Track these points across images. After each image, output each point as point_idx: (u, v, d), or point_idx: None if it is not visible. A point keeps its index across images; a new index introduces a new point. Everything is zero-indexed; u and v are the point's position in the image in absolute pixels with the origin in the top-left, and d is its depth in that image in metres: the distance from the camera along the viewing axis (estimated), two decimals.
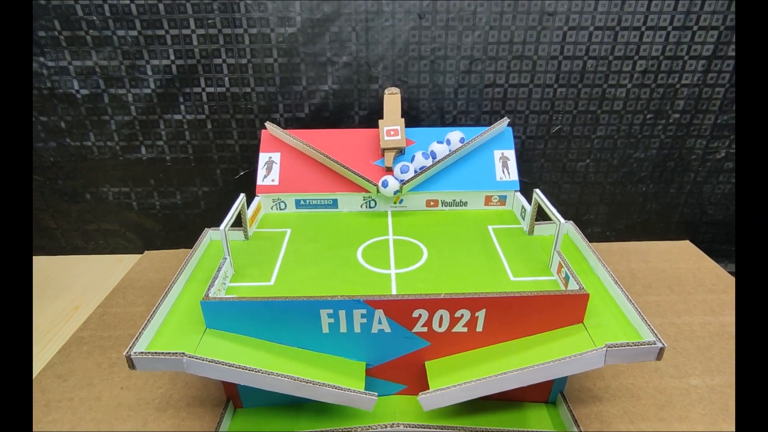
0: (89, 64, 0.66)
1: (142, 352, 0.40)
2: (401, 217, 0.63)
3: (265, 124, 0.64)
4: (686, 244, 0.81)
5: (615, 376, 0.55)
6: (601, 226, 0.81)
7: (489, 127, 0.63)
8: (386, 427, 0.44)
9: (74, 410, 0.52)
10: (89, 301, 0.71)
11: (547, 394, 0.50)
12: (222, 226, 0.48)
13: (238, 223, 0.56)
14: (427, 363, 0.46)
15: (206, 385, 0.55)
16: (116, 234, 0.80)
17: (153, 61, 0.66)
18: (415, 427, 0.44)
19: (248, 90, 0.68)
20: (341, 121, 0.71)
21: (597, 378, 0.55)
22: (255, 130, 0.71)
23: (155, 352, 0.40)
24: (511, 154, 0.64)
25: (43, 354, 0.60)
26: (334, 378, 0.42)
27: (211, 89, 0.68)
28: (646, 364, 0.57)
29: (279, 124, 0.64)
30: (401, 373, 0.48)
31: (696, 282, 0.71)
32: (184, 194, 0.76)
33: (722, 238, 0.82)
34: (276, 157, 0.65)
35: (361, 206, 0.64)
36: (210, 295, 0.44)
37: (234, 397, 0.50)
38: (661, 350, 0.40)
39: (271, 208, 0.64)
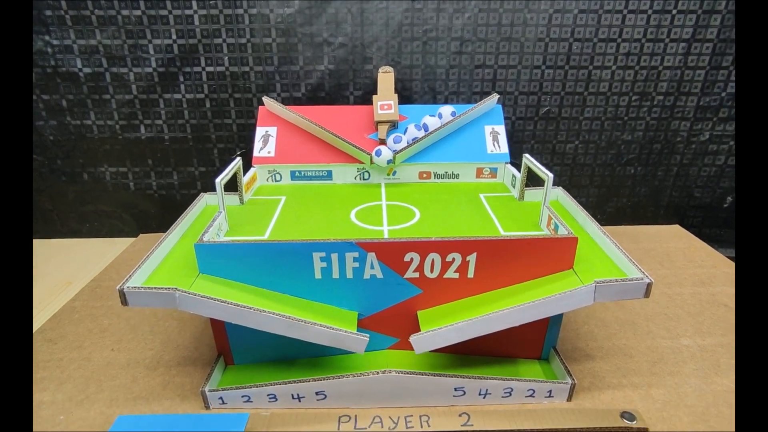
0: (93, 43, 0.69)
1: (135, 287, 0.40)
2: (394, 187, 0.64)
3: (263, 98, 0.66)
4: (676, 228, 0.82)
5: (607, 337, 0.55)
6: (591, 209, 0.82)
7: (479, 102, 0.65)
8: (378, 373, 0.44)
9: (62, 369, 0.51)
10: (82, 278, 0.70)
11: (540, 349, 0.50)
12: (218, 180, 0.49)
13: (234, 188, 0.57)
14: (419, 312, 0.46)
15: (198, 346, 0.55)
16: (112, 216, 0.81)
17: (155, 40, 0.69)
18: (408, 373, 0.44)
19: (247, 69, 0.71)
20: (337, 101, 0.73)
21: (589, 339, 0.55)
22: (253, 109, 0.73)
23: (148, 287, 0.40)
24: (501, 129, 0.66)
25: (33, 322, 0.60)
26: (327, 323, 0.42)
27: (210, 68, 0.70)
28: (638, 326, 0.57)
29: None
30: (393, 324, 0.48)
31: (686, 259, 0.72)
32: (181, 174, 0.77)
33: (711, 222, 0.83)
34: (272, 131, 0.66)
35: (355, 178, 0.65)
36: (204, 239, 0.44)
37: (225, 352, 0.50)
38: (649, 286, 0.41)
39: (267, 180, 0.65)
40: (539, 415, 0.43)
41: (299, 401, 0.46)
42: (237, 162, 0.55)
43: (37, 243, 0.81)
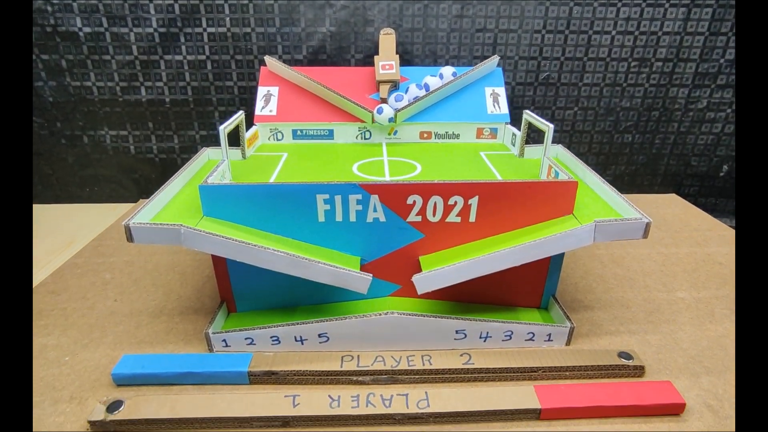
0: (93, 2, 0.68)
1: (140, 223, 0.40)
2: (395, 146, 0.64)
3: (264, 58, 0.66)
4: (672, 197, 0.83)
5: (605, 291, 0.56)
6: None
7: (480, 63, 0.65)
8: (381, 315, 0.44)
9: (66, 317, 0.52)
10: (83, 238, 0.70)
11: (539, 297, 0.51)
12: (221, 127, 0.49)
13: (236, 143, 0.58)
14: (421, 257, 0.47)
15: (200, 297, 0.55)
16: (112, 180, 0.80)
17: None
18: (409, 315, 0.45)
19: (248, 30, 0.71)
20: (338, 64, 0.73)
21: (588, 292, 0.56)
22: (254, 71, 0.73)
23: (154, 224, 0.41)
24: (501, 90, 0.67)
25: (34, 278, 0.60)
26: None
27: (212, 29, 0.70)
28: (635, 281, 0.58)
29: None
30: (396, 270, 0.48)
31: (682, 223, 0.73)
32: (182, 138, 0.77)
33: (707, 191, 0.84)
34: (274, 90, 0.66)
35: (357, 137, 0.66)
36: (209, 181, 0.44)
37: (228, 300, 0.50)
38: (648, 225, 0.42)
39: (268, 139, 0.66)
40: (539, 355, 0.44)
41: (302, 344, 0.46)
42: (240, 114, 0.55)
43: (37, 207, 0.81)
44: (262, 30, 0.71)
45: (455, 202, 0.44)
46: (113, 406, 0.39)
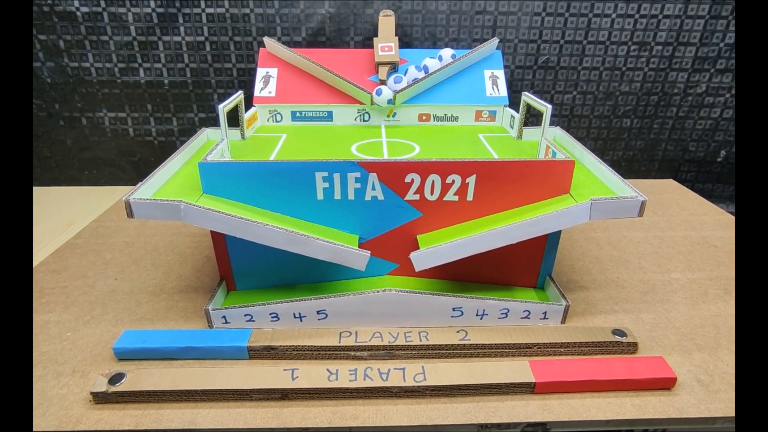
0: None
1: (140, 199, 0.41)
2: (394, 128, 0.64)
3: (264, 39, 0.65)
4: (670, 182, 0.84)
5: (601, 272, 0.57)
6: None
7: (479, 45, 0.65)
8: (378, 292, 0.45)
9: (68, 294, 0.52)
10: (82, 220, 0.71)
11: (536, 277, 0.52)
12: (220, 106, 0.49)
13: (235, 124, 0.58)
14: (418, 236, 0.47)
15: (199, 277, 0.56)
16: (111, 164, 0.81)
17: None
18: (407, 292, 0.45)
19: (247, 11, 0.70)
20: (337, 46, 0.73)
21: (584, 273, 0.57)
22: (253, 53, 0.73)
23: (154, 199, 0.41)
24: (500, 73, 0.67)
25: (35, 258, 0.60)
26: None
27: (210, 10, 0.70)
28: (630, 263, 0.59)
29: None
30: (394, 249, 0.49)
31: (679, 207, 0.74)
32: (181, 121, 0.77)
33: (704, 177, 0.84)
34: (273, 72, 0.66)
35: (356, 119, 0.66)
36: (208, 159, 0.45)
37: (228, 278, 0.51)
38: (643, 203, 0.42)
39: (267, 120, 0.66)
40: (534, 332, 0.45)
41: (301, 321, 0.47)
42: (239, 94, 0.55)
43: (36, 190, 0.81)
44: (261, 11, 0.70)
45: (453, 181, 0.45)
46: (115, 378, 0.39)
